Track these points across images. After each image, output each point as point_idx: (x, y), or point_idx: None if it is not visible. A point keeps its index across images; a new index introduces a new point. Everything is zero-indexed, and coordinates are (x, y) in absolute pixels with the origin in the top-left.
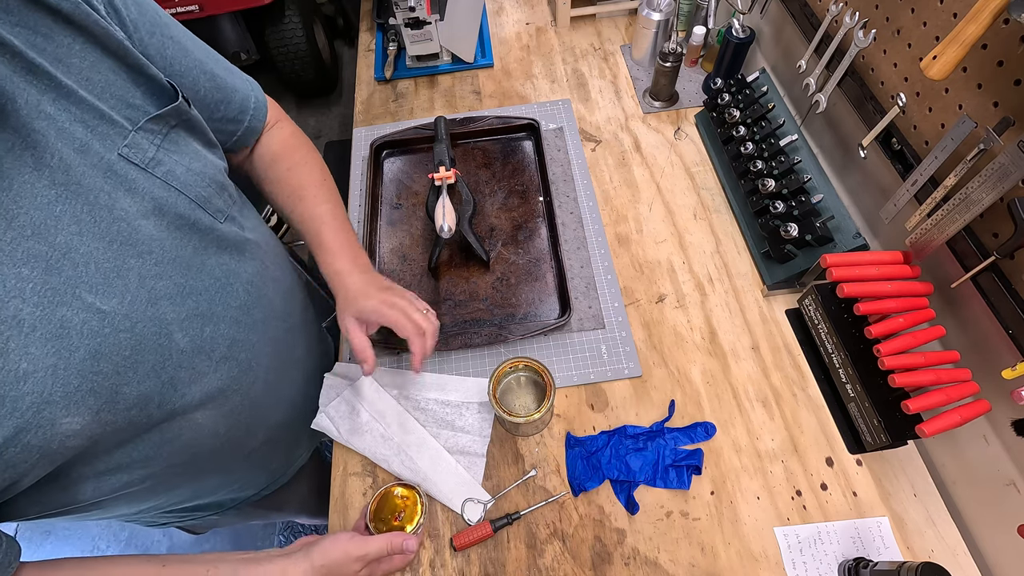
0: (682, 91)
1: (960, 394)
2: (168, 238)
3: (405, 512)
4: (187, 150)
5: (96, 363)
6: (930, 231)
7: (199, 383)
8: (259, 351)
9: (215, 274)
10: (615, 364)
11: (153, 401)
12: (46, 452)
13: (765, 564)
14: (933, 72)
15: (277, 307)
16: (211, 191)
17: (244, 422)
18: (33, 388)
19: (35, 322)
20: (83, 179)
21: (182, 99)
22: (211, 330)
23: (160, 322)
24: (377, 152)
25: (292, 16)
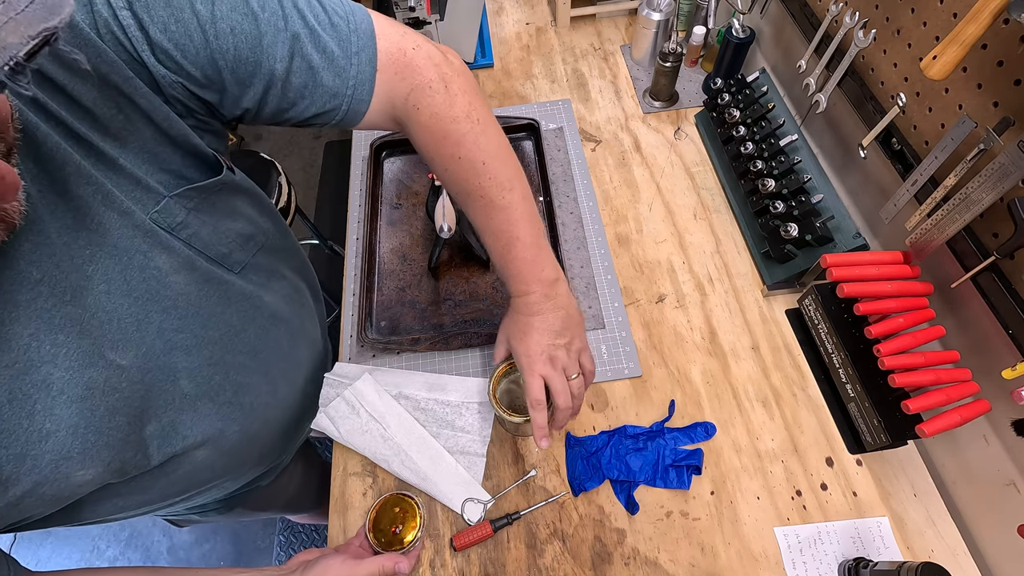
0: (682, 91)
1: (960, 394)
2: (195, 292)
3: (404, 525)
4: (224, 209)
5: (112, 418)
6: (930, 231)
7: (200, 425)
8: (261, 390)
9: (231, 322)
10: (615, 364)
11: (154, 443)
12: (58, 499)
13: (765, 564)
14: (933, 72)
15: (283, 347)
16: (234, 246)
17: (241, 454)
18: (54, 447)
19: (63, 386)
20: (119, 240)
21: (227, 171)
22: (220, 378)
23: (170, 370)
24: (377, 152)
25: None
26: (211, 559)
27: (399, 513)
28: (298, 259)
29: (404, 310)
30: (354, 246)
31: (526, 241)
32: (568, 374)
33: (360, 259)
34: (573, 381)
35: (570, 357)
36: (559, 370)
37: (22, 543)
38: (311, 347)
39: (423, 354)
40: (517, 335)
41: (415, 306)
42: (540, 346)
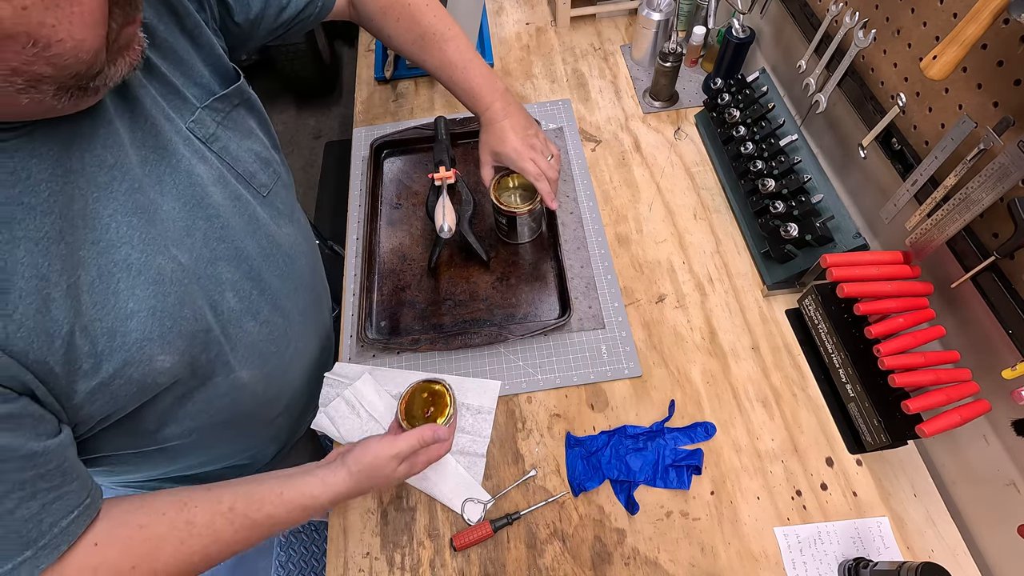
0: (682, 91)
1: (960, 394)
2: (230, 205)
3: (435, 407)
4: (243, 128)
5: (182, 308)
6: (930, 231)
7: (244, 341)
8: (292, 318)
9: (261, 243)
10: (615, 364)
11: (213, 351)
12: (142, 387)
13: (765, 564)
14: (933, 72)
15: (306, 278)
16: (257, 167)
17: (277, 384)
18: (137, 326)
19: (140, 267)
20: (169, 144)
21: (243, 80)
22: (257, 295)
23: (218, 281)
24: (377, 152)
25: None
26: None
27: (428, 399)
28: (304, 221)
29: (404, 310)
30: (354, 246)
31: (478, 61)
32: (545, 155)
33: (360, 259)
34: (551, 161)
35: (542, 142)
36: (539, 152)
37: None
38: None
39: (423, 354)
40: (498, 142)
41: (415, 306)
42: (520, 140)
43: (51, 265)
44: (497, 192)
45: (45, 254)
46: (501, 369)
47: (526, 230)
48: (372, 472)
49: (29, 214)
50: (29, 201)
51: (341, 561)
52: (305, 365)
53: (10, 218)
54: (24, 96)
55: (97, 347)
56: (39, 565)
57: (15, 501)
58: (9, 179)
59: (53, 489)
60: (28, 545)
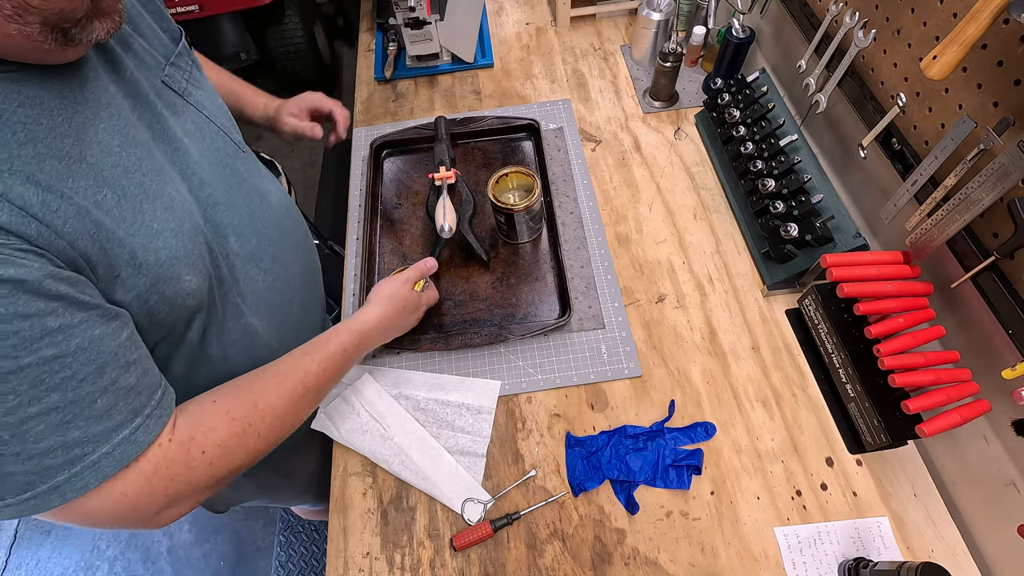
0: (682, 91)
1: (960, 394)
2: (210, 157)
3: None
4: (206, 87)
5: (197, 235)
6: (930, 231)
7: (251, 288)
8: (292, 271)
9: (249, 195)
10: (615, 364)
11: (224, 289)
12: (173, 306)
13: (765, 564)
14: (933, 72)
15: (299, 236)
16: (230, 124)
17: (288, 342)
18: (165, 245)
19: (155, 193)
20: (148, 96)
21: (184, 38)
22: (255, 242)
23: (219, 225)
24: (377, 152)
25: (292, 16)
26: (211, 559)
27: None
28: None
29: None
30: (354, 246)
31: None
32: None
33: (360, 259)
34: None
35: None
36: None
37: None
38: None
39: (423, 354)
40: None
41: None
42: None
43: (76, 181)
44: (495, 190)
45: (69, 170)
46: (501, 369)
47: (525, 228)
48: (394, 294)
49: (50, 134)
50: (48, 123)
51: (341, 561)
52: (314, 328)
53: (34, 136)
54: (12, 25)
55: (136, 259)
56: (151, 433)
57: (115, 372)
58: (26, 102)
59: (138, 363)
60: (137, 413)
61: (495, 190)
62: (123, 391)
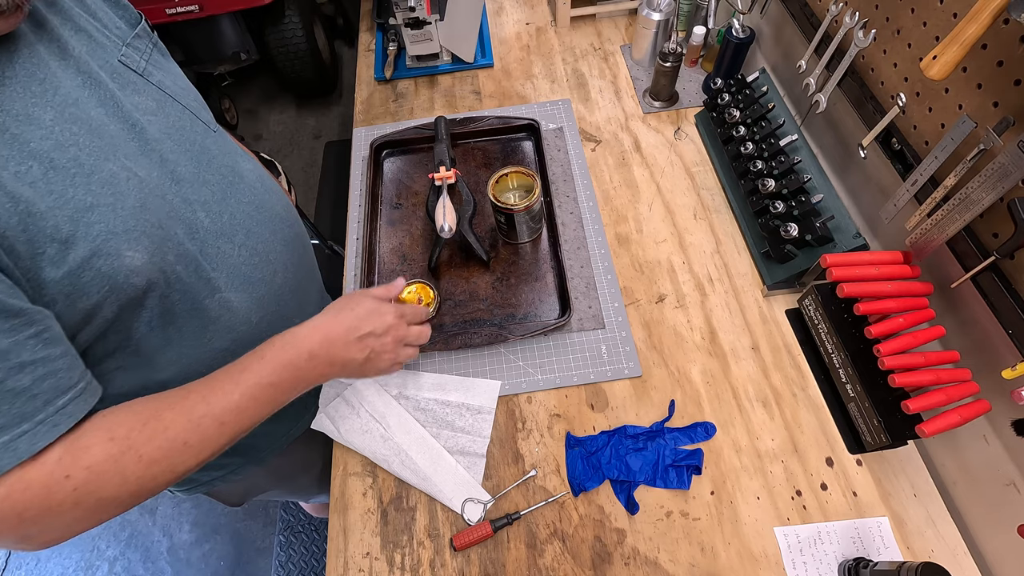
0: (682, 91)
1: (960, 394)
2: (174, 134)
3: (423, 299)
4: (168, 69)
5: (143, 212)
6: (930, 231)
7: (225, 263)
8: (273, 248)
9: (222, 171)
10: (615, 364)
11: (192, 264)
12: (114, 284)
13: (765, 564)
14: (933, 72)
15: (280, 213)
16: (197, 104)
17: (273, 317)
18: (100, 219)
19: (92, 168)
20: (100, 75)
21: (144, 22)
22: (228, 217)
23: (185, 200)
24: (377, 152)
25: (292, 16)
26: (211, 559)
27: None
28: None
29: None
30: (354, 246)
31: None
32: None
33: (360, 259)
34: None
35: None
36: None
37: None
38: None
39: (423, 354)
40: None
41: None
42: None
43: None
44: (495, 190)
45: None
46: (501, 369)
47: (525, 228)
48: (342, 304)
49: None
50: None
51: (341, 561)
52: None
53: None
54: None
55: (61, 233)
56: (36, 442)
57: (2, 372)
58: None
59: (40, 364)
60: (24, 419)
61: (495, 190)
62: (9, 394)
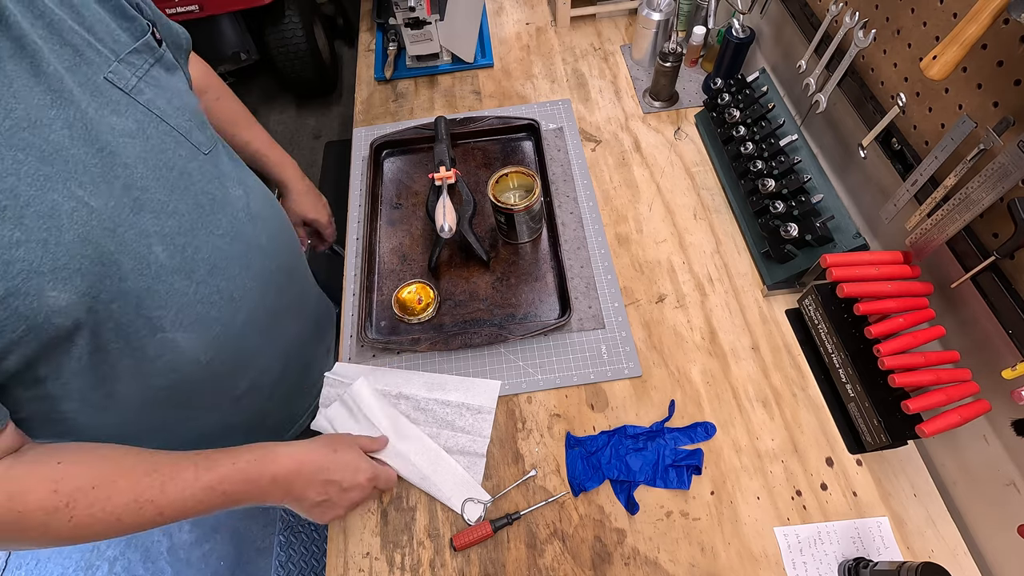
0: (682, 91)
1: (960, 394)
2: (152, 159)
3: (422, 299)
4: (167, 86)
5: (83, 247)
6: (930, 231)
7: (176, 301)
8: (242, 284)
9: (198, 200)
10: (615, 364)
11: (132, 303)
12: (32, 324)
13: (765, 564)
14: (933, 72)
15: (263, 244)
16: (192, 125)
17: (228, 356)
18: (24, 256)
19: (29, 199)
20: (73, 93)
21: (150, 35)
22: (191, 252)
23: (141, 231)
24: (377, 152)
25: (292, 16)
26: (211, 559)
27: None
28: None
29: None
30: (354, 246)
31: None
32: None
33: (360, 259)
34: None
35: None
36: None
37: None
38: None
39: (423, 354)
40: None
41: None
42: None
43: None
44: (495, 190)
45: None
46: (501, 369)
47: (525, 228)
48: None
49: None
50: None
51: (341, 561)
52: (280, 347)
53: None
54: None
55: None
56: None
57: None
58: None
59: None
60: None
61: (495, 190)
62: None
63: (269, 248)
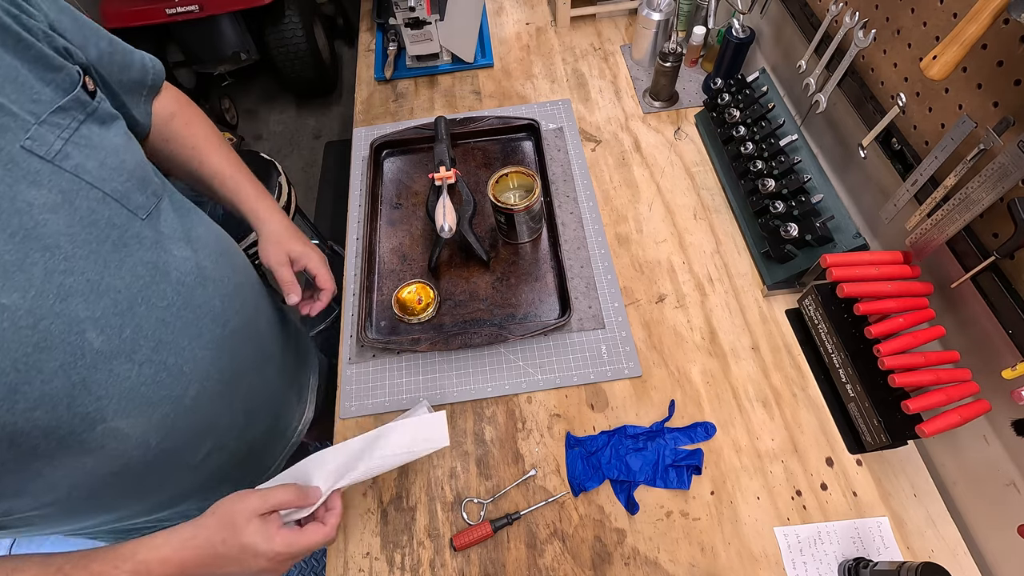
0: (682, 91)
1: (960, 394)
2: (80, 233)
3: (422, 299)
4: (102, 144)
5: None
6: (930, 231)
7: (118, 387)
8: (192, 355)
9: (137, 271)
10: (615, 364)
11: (62, 403)
12: None
13: (765, 564)
14: (933, 72)
15: (216, 308)
16: (130, 186)
17: (182, 432)
18: None
19: None
20: None
21: (81, 87)
22: (132, 331)
23: (71, 320)
24: (377, 152)
25: (292, 16)
26: None
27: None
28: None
29: None
30: (354, 246)
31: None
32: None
33: (360, 259)
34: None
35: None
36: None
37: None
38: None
39: (423, 354)
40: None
41: None
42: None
43: None
44: (495, 190)
45: None
46: (501, 369)
47: (525, 228)
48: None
49: None
50: None
51: (341, 561)
52: (243, 405)
53: None
54: None
55: None
56: None
57: None
58: None
59: None
60: None
61: (495, 190)
62: None
63: (225, 310)
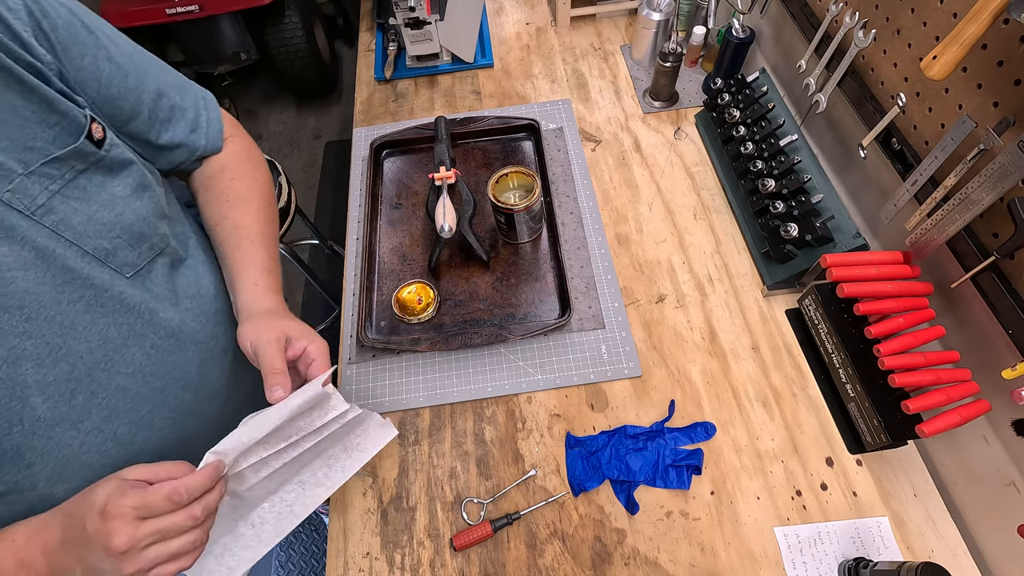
0: (682, 91)
1: (960, 394)
2: (48, 293)
3: (422, 299)
4: (98, 197)
5: None
6: (930, 231)
7: (56, 455)
8: (150, 424)
9: (108, 334)
10: (615, 364)
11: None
12: None
13: (765, 564)
14: (933, 72)
15: (190, 375)
16: (119, 243)
17: None
18: None
19: None
20: None
21: (84, 139)
22: (84, 399)
23: (15, 384)
24: (377, 152)
25: (292, 16)
26: None
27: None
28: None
29: None
30: (354, 246)
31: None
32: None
33: (360, 259)
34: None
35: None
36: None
37: None
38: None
39: (423, 354)
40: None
41: None
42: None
43: None
44: (495, 190)
45: None
46: (501, 369)
47: (525, 228)
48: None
49: None
50: None
51: (341, 561)
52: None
53: None
54: None
55: None
56: None
57: None
58: None
59: None
60: None
61: (495, 190)
62: None
63: (203, 375)
